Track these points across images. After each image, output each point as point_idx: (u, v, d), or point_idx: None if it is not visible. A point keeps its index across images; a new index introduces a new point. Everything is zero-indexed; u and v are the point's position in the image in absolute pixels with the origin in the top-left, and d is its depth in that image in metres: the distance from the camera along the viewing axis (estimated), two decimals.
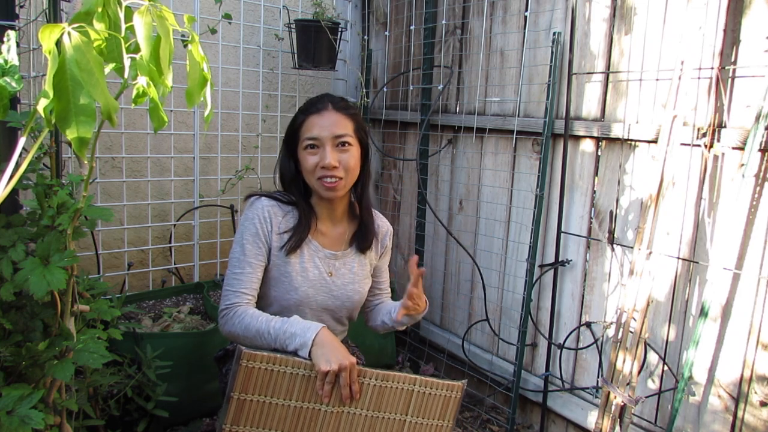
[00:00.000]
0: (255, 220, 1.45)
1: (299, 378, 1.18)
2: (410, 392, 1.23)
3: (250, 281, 1.42)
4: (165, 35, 0.83)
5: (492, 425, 2.15)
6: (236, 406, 1.16)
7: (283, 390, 1.17)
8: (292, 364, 1.18)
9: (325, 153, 1.43)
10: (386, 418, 1.23)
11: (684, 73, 1.52)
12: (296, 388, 1.18)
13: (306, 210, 1.50)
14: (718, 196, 1.60)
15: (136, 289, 2.41)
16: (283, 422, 1.18)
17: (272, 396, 1.17)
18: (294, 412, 1.17)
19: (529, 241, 2.03)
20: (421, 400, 1.24)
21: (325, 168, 1.43)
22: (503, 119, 2.13)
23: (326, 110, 1.46)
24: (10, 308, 1.13)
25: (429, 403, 1.25)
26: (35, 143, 1.07)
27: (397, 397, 1.23)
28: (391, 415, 1.23)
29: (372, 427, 1.23)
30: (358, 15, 2.73)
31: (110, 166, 2.33)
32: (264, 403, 1.17)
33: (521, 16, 2.07)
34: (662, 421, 1.78)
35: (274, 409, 1.17)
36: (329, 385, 1.20)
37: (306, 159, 1.45)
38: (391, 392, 1.23)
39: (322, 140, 1.44)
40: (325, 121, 1.45)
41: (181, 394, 1.80)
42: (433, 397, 1.26)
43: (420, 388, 1.24)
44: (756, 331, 1.55)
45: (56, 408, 1.17)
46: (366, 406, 1.22)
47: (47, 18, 1.42)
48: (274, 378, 1.17)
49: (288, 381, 1.17)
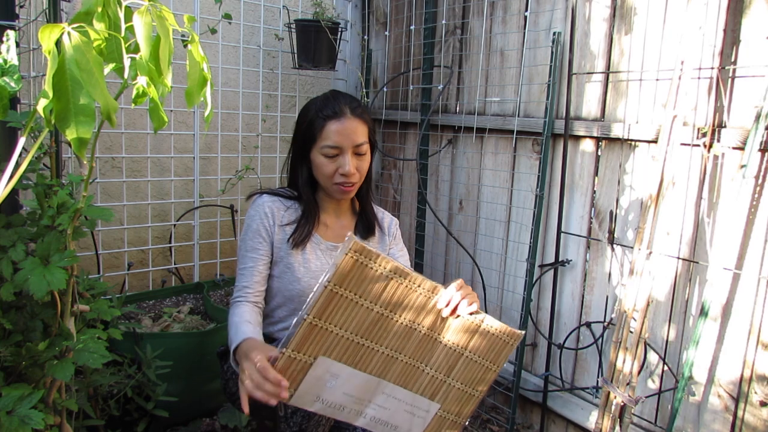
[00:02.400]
0: (256, 217, 1.49)
1: (391, 283, 1.14)
2: (476, 327, 1.23)
3: (251, 275, 1.47)
4: (165, 35, 0.83)
5: (492, 425, 2.15)
6: (326, 298, 1.09)
7: (372, 293, 1.13)
8: (391, 268, 1.14)
9: (345, 161, 1.45)
10: (448, 345, 1.23)
11: (684, 73, 1.52)
12: (385, 293, 1.13)
13: (311, 206, 1.53)
14: (718, 196, 1.60)
15: (136, 289, 2.41)
16: (360, 327, 1.15)
17: (361, 297, 1.12)
18: (374, 318, 1.14)
19: (529, 241, 2.03)
20: (483, 339, 1.24)
21: (344, 175, 1.46)
22: (503, 119, 2.13)
23: (345, 117, 1.46)
24: (10, 308, 1.13)
25: (488, 344, 1.25)
26: (35, 143, 1.07)
27: (463, 329, 1.22)
28: (453, 343, 1.23)
29: (432, 350, 1.22)
30: (358, 15, 2.73)
31: (110, 166, 2.33)
32: (351, 301, 1.12)
33: (521, 16, 2.07)
34: (662, 421, 1.78)
35: (357, 311, 1.13)
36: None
37: (324, 164, 1.47)
38: (460, 322, 1.22)
39: (342, 149, 1.45)
40: (346, 128, 1.45)
41: (181, 394, 1.80)
42: (494, 338, 1.25)
43: (486, 325, 1.23)
44: (756, 330, 1.54)
45: (56, 408, 1.17)
46: (434, 328, 1.20)
47: (47, 18, 1.42)
48: (368, 277, 1.12)
49: (380, 284, 1.13)
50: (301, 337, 1.08)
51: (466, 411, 1.30)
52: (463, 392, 1.28)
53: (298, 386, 1.12)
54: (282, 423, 1.36)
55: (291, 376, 1.10)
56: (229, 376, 1.50)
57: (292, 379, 1.10)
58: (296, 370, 1.10)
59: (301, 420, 1.34)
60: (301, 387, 1.12)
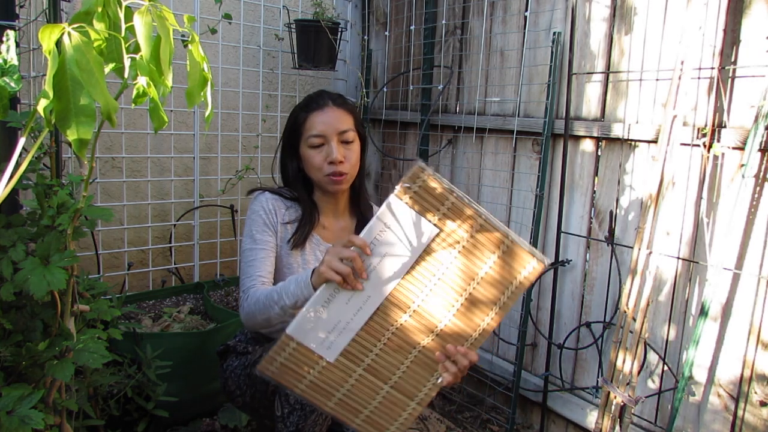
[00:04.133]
0: (261, 212, 1.49)
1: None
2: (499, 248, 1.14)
3: (263, 265, 1.44)
4: (165, 35, 0.83)
5: (492, 425, 2.15)
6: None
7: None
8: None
9: (331, 148, 1.46)
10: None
11: (684, 73, 1.51)
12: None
13: (309, 205, 1.53)
14: (718, 196, 1.60)
15: (136, 289, 2.41)
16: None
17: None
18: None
19: (529, 240, 2.03)
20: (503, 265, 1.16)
21: (332, 163, 1.45)
22: (503, 119, 2.13)
23: (327, 106, 1.49)
24: (10, 308, 1.13)
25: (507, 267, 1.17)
26: (35, 143, 1.07)
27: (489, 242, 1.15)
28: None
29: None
30: (358, 15, 2.73)
31: (110, 166, 2.33)
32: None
33: (521, 16, 2.07)
34: (662, 421, 1.78)
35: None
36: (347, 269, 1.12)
37: (312, 156, 1.47)
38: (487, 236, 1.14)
39: (327, 136, 1.46)
40: (328, 117, 1.47)
41: (181, 394, 1.80)
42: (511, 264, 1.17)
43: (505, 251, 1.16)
44: (756, 330, 1.55)
45: (56, 408, 1.17)
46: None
47: (47, 18, 1.42)
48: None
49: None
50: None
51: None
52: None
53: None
54: (279, 423, 1.36)
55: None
56: (229, 375, 1.50)
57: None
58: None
59: (297, 419, 1.34)
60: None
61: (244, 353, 1.50)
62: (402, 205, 1.13)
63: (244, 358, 1.48)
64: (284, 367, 1.15)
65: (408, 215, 1.13)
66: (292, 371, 1.15)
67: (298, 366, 1.16)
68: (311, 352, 1.15)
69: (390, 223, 1.14)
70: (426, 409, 2.21)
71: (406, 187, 1.12)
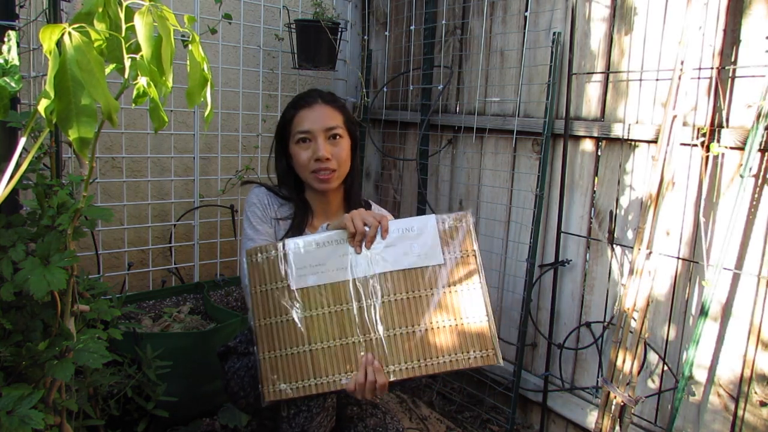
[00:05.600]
0: (258, 204, 1.52)
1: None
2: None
3: (264, 242, 1.47)
4: (166, 35, 0.83)
5: (492, 425, 2.15)
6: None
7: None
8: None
9: (317, 145, 1.46)
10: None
11: (684, 73, 1.52)
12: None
13: (301, 205, 1.53)
14: (718, 196, 1.60)
15: (136, 289, 2.41)
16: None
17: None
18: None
19: (529, 241, 2.03)
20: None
21: (318, 160, 1.46)
22: (503, 119, 2.13)
23: (316, 103, 1.50)
24: (10, 308, 1.13)
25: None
26: (35, 143, 1.07)
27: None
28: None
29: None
30: (358, 15, 2.73)
31: (110, 166, 2.33)
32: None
33: (521, 16, 2.07)
34: (662, 421, 1.78)
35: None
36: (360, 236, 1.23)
37: (299, 153, 1.48)
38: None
39: (314, 133, 1.46)
40: (316, 114, 1.48)
41: (181, 394, 1.80)
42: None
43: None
44: (756, 330, 1.55)
45: (56, 408, 1.17)
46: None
47: (47, 18, 1.42)
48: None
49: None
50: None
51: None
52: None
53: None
54: (284, 423, 1.36)
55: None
56: (231, 377, 1.49)
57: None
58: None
59: (303, 421, 1.34)
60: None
61: (246, 354, 1.50)
62: (434, 225, 1.26)
63: (246, 359, 1.48)
64: (258, 265, 1.25)
65: (431, 235, 1.26)
66: (260, 273, 1.25)
67: (269, 271, 1.25)
68: (282, 270, 1.24)
69: (414, 228, 1.26)
70: (426, 409, 2.21)
71: (447, 218, 1.27)
